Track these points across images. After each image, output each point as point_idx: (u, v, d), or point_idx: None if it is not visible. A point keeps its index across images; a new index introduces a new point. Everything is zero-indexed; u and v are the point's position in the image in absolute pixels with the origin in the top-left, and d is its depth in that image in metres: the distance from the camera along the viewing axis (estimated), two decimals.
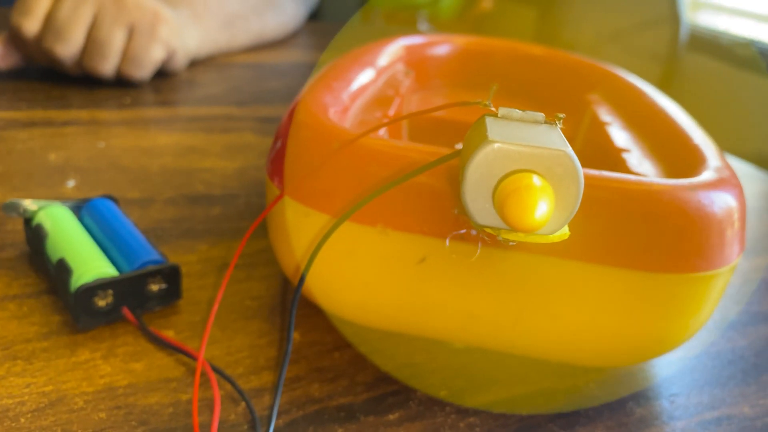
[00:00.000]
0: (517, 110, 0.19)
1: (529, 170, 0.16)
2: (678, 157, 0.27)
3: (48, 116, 0.43)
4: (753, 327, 0.30)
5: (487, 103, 0.19)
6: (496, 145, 0.16)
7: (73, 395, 0.22)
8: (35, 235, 0.27)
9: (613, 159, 0.29)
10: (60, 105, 0.45)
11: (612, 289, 0.21)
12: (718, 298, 0.23)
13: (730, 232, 0.22)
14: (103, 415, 0.21)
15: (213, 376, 0.23)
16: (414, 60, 0.40)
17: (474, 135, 0.18)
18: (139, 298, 0.26)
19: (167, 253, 0.30)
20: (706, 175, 0.23)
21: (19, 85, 0.48)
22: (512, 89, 0.40)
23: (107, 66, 0.48)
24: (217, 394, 0.22)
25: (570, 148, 0.16)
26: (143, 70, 0.49)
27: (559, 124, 0.18)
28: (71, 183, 0.35)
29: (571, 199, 0.16)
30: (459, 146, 0.22)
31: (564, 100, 0.40)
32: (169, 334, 0.25)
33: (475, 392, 0.24)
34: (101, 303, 0.25)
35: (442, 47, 0.43)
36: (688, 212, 0.21)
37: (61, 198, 0.33)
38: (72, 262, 0.25)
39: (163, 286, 0.26)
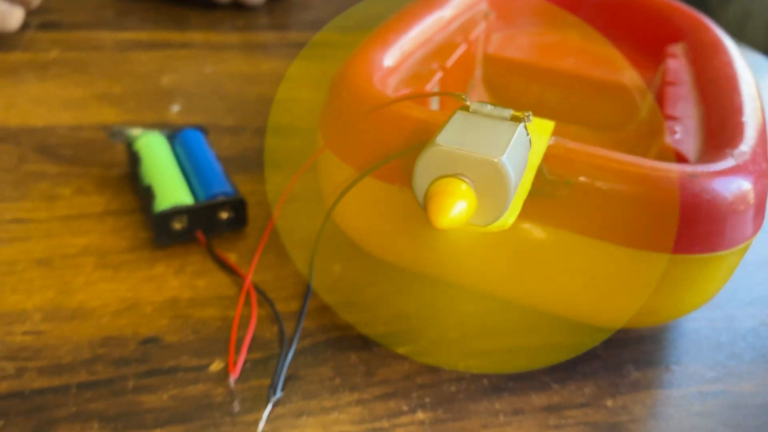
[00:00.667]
0: (489, 105, 0.20)
1: (459, 175, 0.18)
2: (719, 133, 0.27)
3: (167, 38, 0.48)
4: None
5: (464, 96, 0.21)
6: (437, 148, 0.18)
7: (146, 303, 0.27)
8: (133, 160, 0.32)
9: (657, 127, 0.29)
10: (179, 26, 0.50)
11: (603, 261, 0.23)
12: (716, 278, 0.24)
13: (727, 220, 0.22)
14: (165, 321, 0.26)
15: (254, 298, 0.27)
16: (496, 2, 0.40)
17: (441, 127, 0.20)
18: (210, 223, 0.30)
19: (245, 181, 0.34)
20: (718, 163, 0.23)
21: (147, 4, 0.53)
22: (593, 34, 0.40)
23: None
24: (255, 313, 0.27)
25: (506, 155, 0.18)
26: None
27: (527, 120, 0.20)
28: (176, 108, 0.40)
29: (501, 200, 0.18)
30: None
31: (643, 48, 0.39)
32: (231, 257, 0.30)
33: (481, 338, 0.27)
34: (177, 226, 0.29)
35: None
36: (675, 198, 0.22)
37: (165, 122, 0.38)
38: (157, 188, 0.30)
39: (231, 214, 0.30)
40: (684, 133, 0.28)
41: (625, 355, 0.27)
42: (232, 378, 0.24)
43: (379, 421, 0.23)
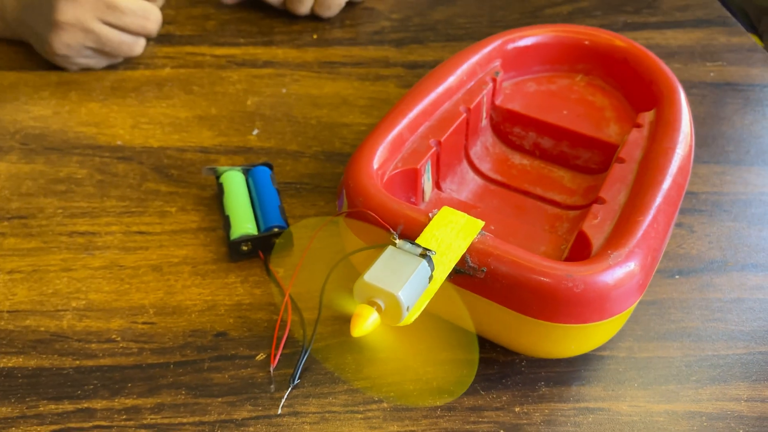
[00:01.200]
0: (409, 244, 0.31)
1: (374, 299, 0.29)
2: (620, 226, 0.36)
3: (255, 54, 0.60)
4: (664, 341, 0.40)
5: (395, 236, 0.32)
6: (363, 282, 0.30)
7: (220, 305, 0.40)
8: (219, 190, 0.45)
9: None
10: (265, 41, 0.61)
11: (507, 320, 0.34)
12: (595, 335, 0.35)
13: (594, 306, 0.33)
14: (231, 320, 0.40)
15: (290, 307, 0.40)
16: (509, 55, 0.49)
17: (376, 253, 0.31)
18: (267, 246, 0.43)
19: (298, 206, 0.46)
20: (596, 265, 0.33)
21: (241, 14, 0.64)
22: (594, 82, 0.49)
23: (303, 9, 0.62)
24: (289, 319, 0.39)
25: (403, 289, 0.29)
26: (331, 11, 0.63)
27: (431, 253, 0.31)
28: (255, 132, 0.52)
29: (398, 314, 0.29)
30: (433, 213, 0.35)
31: (631, 100, 0.48)
32: (279, 272, 0.42)
33: (441, 351, 0.39)
34: (244, 248, 0.42)
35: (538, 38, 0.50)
36: (554, 289, 0.32)
37: (246, 146, 0.51)
38: (232, 219, 0.43)
39: (283, 241, 0.43)
40: (603, 218, 0.38)
41: (541, 373, 0.38)
42: (272, 367, 0.37)
43: (356, 406, 0.36)
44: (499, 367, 0.38)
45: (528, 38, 0.50)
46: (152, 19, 0.55)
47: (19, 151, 0.50)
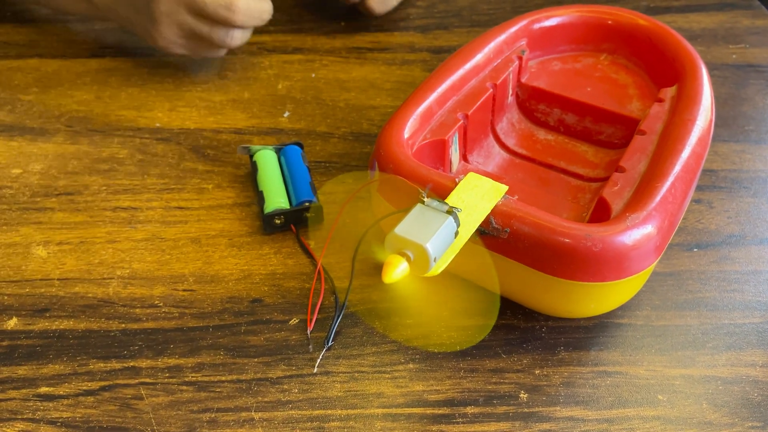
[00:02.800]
0: (436, 201, 0.33)
1: (404, 251, 0.31)
2: (639, 192, 0.38)
3: (285, 41, 0.62)
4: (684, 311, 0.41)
5: (423, 194, 0.33)
6: (394, 235, 0.32)
7: (255, 274, 0.43)
8: (253, 168, 0.47)
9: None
10: (294, 29, 0.63)
11: (530, 278, 0.36)
12: (605, 296, 0.36)
13: (611, 265, 0.34)
14: (266, 288, 0.42)
15: (323, 276, 0.42)
16: (535, 35, 0.51)
17: (403, 214, 0.33)
18: (299, 219, 0.45)
19: (328, 183, 0.48)
20: (614, 226, 0.35)
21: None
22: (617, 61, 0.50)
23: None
24: (322, 287, 0.42)
25: (431, 241, 0.31)
26: (385, 7, 0.64)
27: (457, 210, 0.33)
28: (286, 114, 0.54)
29: (425, 265, 0.31)
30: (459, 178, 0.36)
31: (653, 77, 0.49)
32: (311, 243, 0.44)
33: (462, 317, 0.40)
34: (277, 221, 0.44)
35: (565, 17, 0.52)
36: (573, 248, 0.34)
37: (277, 127, 0.53)
38: (266, 194, 0.45)
39: (314, 215, 0.45)
40: (622, 185, 0.39)
41: (561, 339, 0.40)
42: (309, 330, 0.39)
43: (383, 367, 0.38)
44: (520, 332, 0.40)
45: (554, 18, 0.51)
46: (237, 10, 0.52)
47: (64, 132, 0.52)
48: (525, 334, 0.40)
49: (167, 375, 0.38)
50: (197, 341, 0.39)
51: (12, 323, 0.40)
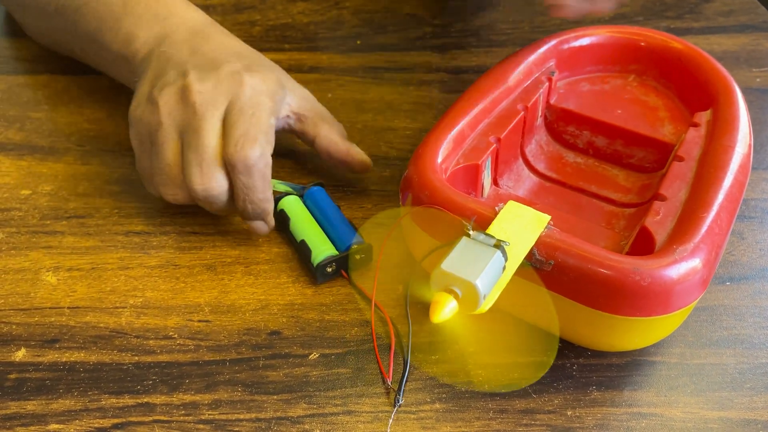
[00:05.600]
0: (482, 235, 0.31)
1: (451, 287, 0.30)
2: (683, 222, 0.36)
3: (300, 60, 0.61)
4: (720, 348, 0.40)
5: (469, 228, 0.32)
6: (440, 271, 0.30)
7: (273, 304, 0.41)
8: (282, 217, 0.45)
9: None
10: (309, 47, 0.62)
11: (573, 311, 0.35)
12: (650, 330, 0.35)
13: (658, 300, 0.33)
14: (284, 319, 0.40)
15: (372, 308, 0.40)
16: (564, 55, 0.49)
17: (449, 249, 0.31)
18: (347, 264, 0.42)
19: (343, 208, 0.46)
20: (662, 259, 0.33)
21: (285, 21, 0.65)
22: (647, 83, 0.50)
23: None
24: (372, 318, 0.40)
25: (480, 278, 0.30)
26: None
27: (505, 244, 0.31)
28: None
29: (474, 302, 0.30)
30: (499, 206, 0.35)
31: (685, 101, 0.48)
32: (364, 285, 0.42)
33: (491, 354, 0.39)
34: (329, 269, 0.42)
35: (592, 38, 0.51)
36: (620, 282, 0.33)
37: (294, 148, 0.51)
38: (310, 243, 0.42)
39: (364, 256, 0.43)
40: (665, 215, 0.38)
41: (593, 378, 0.38)
42: (388, 381, 0.37)
43: (408, 406, 0.36)
44: (551, 370, 0.38)
45: (583, 39, 0.50)
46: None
47: (75, 152, 0.51)
48: (555, 372, 0.38)
49: (183, 412, 0.36)
50: (214, 376, 0.38)
51: (20, 354, 0.38)
